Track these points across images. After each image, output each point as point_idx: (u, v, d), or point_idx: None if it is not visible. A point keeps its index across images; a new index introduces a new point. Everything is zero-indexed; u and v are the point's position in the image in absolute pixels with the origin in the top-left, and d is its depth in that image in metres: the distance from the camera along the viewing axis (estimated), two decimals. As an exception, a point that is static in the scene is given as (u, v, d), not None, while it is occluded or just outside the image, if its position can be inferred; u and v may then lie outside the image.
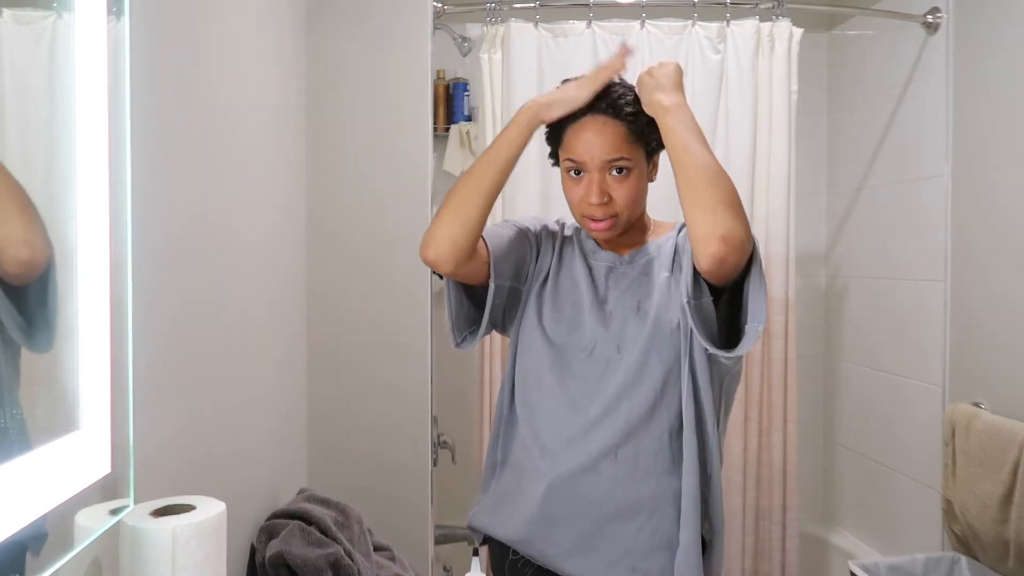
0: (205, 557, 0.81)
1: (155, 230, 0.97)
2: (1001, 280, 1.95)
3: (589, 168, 1.21)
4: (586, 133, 1.20)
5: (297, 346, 1.81)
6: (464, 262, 1.22)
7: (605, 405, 1.21)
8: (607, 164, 1.20)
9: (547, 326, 1.27)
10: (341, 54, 1.89)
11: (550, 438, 1.24)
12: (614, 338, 1.23)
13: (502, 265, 1.27)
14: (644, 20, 2.19)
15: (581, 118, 1.21)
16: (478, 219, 1.21)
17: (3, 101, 0.64)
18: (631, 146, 1.20)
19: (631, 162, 1.21)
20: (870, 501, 2.57)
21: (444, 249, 1.20)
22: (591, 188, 1.20)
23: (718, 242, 1.06)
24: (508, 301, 1.31)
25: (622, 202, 1.21)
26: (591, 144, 1.20)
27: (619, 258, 1.29)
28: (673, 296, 1.22)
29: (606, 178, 1.21)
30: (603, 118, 1.20)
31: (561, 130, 1.24)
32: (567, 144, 1.23)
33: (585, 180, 1.22)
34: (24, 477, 0.62)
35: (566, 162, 1.24)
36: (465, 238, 1.20)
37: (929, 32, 2.23)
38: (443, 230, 1.20)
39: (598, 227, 1.23)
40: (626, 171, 1.21)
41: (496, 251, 1.26)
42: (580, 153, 1.21)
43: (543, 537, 1.23)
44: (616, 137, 1.19)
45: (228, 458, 1.27)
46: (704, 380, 1.19)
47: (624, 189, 1.21)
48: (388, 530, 1.70)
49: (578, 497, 1.21)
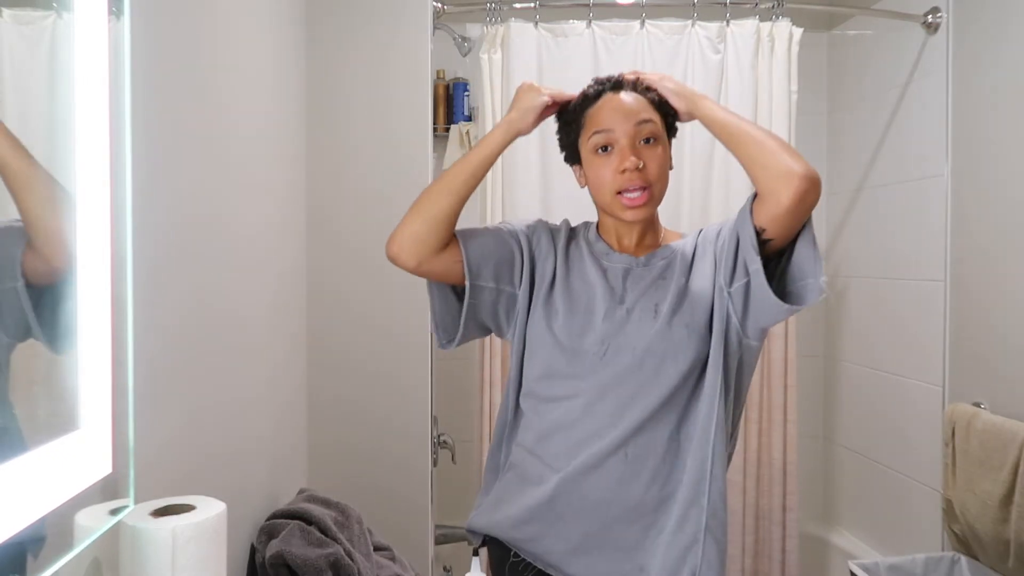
0: (205, 557, 0.81)
1: (156, 230, 0.97)
2: (1001, 280, 1.95)
3: (618, 136, 1.21)
4: (610, 104, 1.23)
5: (297, 346, 1.81)
6: (428, 259, 1.23)
7: (616, 407, 1.21)
8: (637, 129, 1.21)
9: (557, 330, 1.26)
10: (341, 54, 1.89)
11: (559, 441, 1.24)
12: (629, 340, 1.22)
13: (479, 266, 1.26)
14: (644, 20, 2.19)
15: (599, 98, 1.24)
16: (443, 216, 1.22)
17: (3, 101, 0.64)
18: (655, 111, 1.23)
19: (657, 128, 1.22)
20: (870, 501, 2.57)
21: (406, 244, 1.22)
22: (624, 154, 1.20)
23: (800, 178, 1.09)
24: (498, 304, 1.29)
25: (655, 171, 1.21)
26: (618, 110, 1.22)
27: (635, 260, 1.28)
28: (691, 299, 1.22)
29: (636, 145, 1.21)
30: (623, 92, 1.24)
31: (581, 116, 1.25)
32: (591, 121, 1.24)
33: (616, 152, 1.21)
34: (24, 477, 0.62)
35: (594, 136, 1.23)
36: (428, 234, 1.22)
37: (929, 32, 2.23)
38: (406, 226, 1.23)
39: (632, 201, 1.21)
40: (654, 140, 1.22)
41: (471, 251, 1.26)
42: (608, 121, 1.22)
43: (549, 535, 1.23)
44: (639, 103, 1.23)
45: (228, 458, 1.27)
46: (731, 373, 1.20)
47: (655, 157, 1.21)
48: (388, 530, 1.70)
49: (585, 496, 1.21)
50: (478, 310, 1.28)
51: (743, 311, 1.18)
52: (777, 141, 1.15)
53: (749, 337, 1.19)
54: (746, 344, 1.20)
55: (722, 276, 1.19)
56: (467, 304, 1.26)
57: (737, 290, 1.17)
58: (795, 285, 1.15)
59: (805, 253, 1.15)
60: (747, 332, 1.19)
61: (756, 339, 1.20)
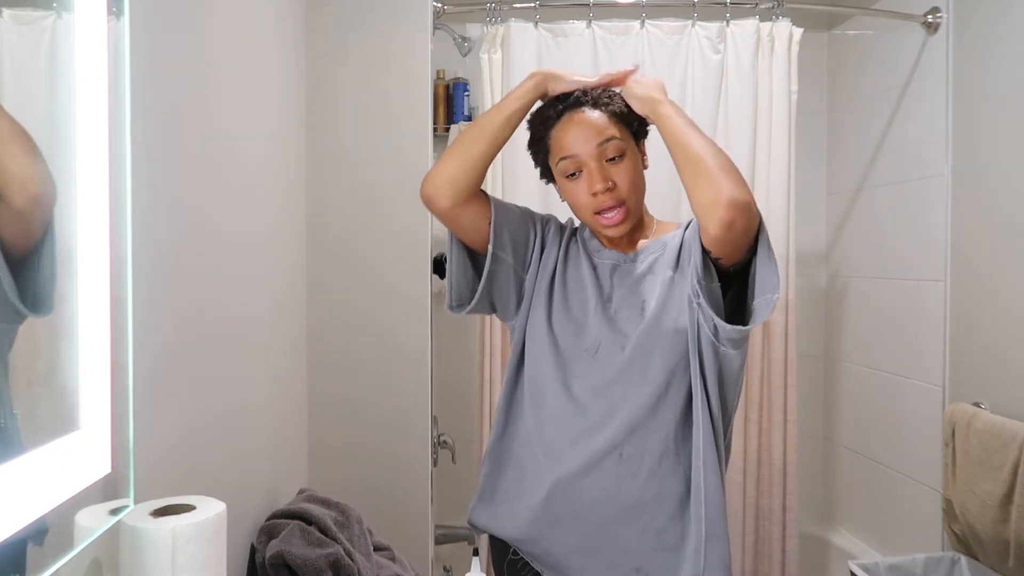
0: (205, 557, 0.81)
1: (155, 230, 0.97)
2: (1001, 280, 1.95)
3: (585, 159, 1.21)
4: (572, 127, 1.22)
5: (297, 346, 1.81)
6: (461, 203, 1.24)
7: (609, 405, 1.21)
8: (601, 150, 1.21)
9: (556, 328, 1.27)
10: (341, 54, 1.89)
11: (553, 438, 1.24)
12: (619, 338, 1.22)
13: (502, 233, 1.27)
14: (644, 20, 2.19)
15: (560, 118, 1.24)
16: (478, 162, 1.24)
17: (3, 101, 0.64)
18: (618, 126, 1.22)
19: (623, 143, 1.22)
20: (870, 501, 2.57)
21: (441, 184, 1.24)
22: (593, 177, 1.21)
23: (725, 206, 1.08)
24: (506, 282, 1.30)
25: (625, 186, 1.22)
26: (580, 133, 1.22)
27: (623, 256, 1.28)
28: (677, 295, 1.21)
29: (603, 165, 1.21)
30: (584, 109, 1.23)
31: (545, 137, 1.26)
32: (556, 145, 1.24)
33: (585, 176, 1.22)
34: (24, 477, 0.62)
35: (561, 163, 1.24)
36: (464, 177, 1.23)
37: (929, 32, 2.23)
38: (443, 168, 1.25)
39: (611, 220, 1.22)
40: (620, 155, 1.22)
41: (498, 214, 1.28)
42: (571, 145, 1.22)
43: (547, 536, 1.23)
44: (600, 121, 1.22)
45: (228, 458, 1.27)
46: (712, 378, 1.19)
47: (623, 173, 1.22)
48: (388, 530, 1.70)
49: (581, 496, 1.21)
50: (494, 281, 1.29)
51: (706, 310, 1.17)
52: (715, 161, 1.13)
53: (724, 346, 1.17)
54: (723, 352, 1.18)
55: (691, 285, 1.18)
56: (487, 271, 1.27)
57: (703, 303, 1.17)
58: (756, 300, 1.16)
59: (760, 271, 1.15)
60: (720, 340, 1.17)
61: (732, 347, 1.18)
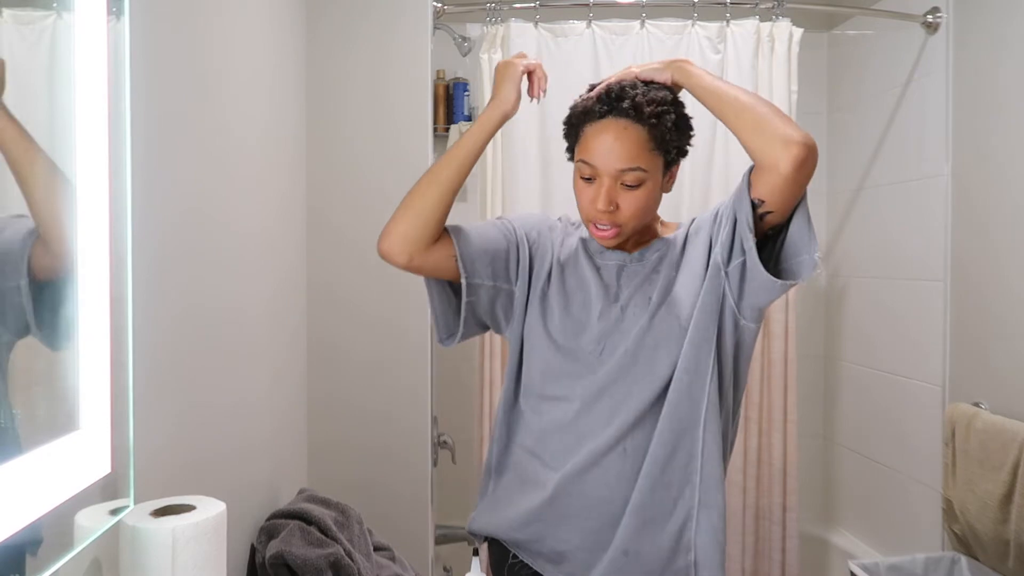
0: (205, 557, 0.81)
1: (156, 230, 0.97)
2: (1001, 280, 1.95)
3: (601, 174, 1.17)
4: (605, 136, 1.16)
5: (297, 347, 1.81)
6: (419, 254, 1.22)
7: (613, 403, 1.20)
8: (620, 174, 1.16)
9: (553, 330, 1.25)
10: (341, 54, 1.89)
11: (557, 440, 1.23)
12: (624, 337, 1.21)
13: (474, 263, 1.25)
14: (644, 20, 2.19)
15: (601, 119, 1.17)
16: (432, 213, 1.21)
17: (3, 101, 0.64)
18: (649, 155, 1.16)
19: (646, 173, 1.16)
20: (870, 501, 2.57)
21: (394, 241, 1.21)
22: (599, 194, 1.17)
23: (798, 145, 1.07)
24: (496, 301, 1.29)
25: (628, 213, 1.17)
26: (609, 150, 1.16)
27: (628, 256, 1.26)
28: (681, 291, 1.21)
29: (616, 187, 1.16)
30: (624, 121, 1.15)
31: (579, 127, 1.20)
32: (584, 144, 1.19)
33: (595, 185, 1.18)
34: (24, 477, 0.62)
35: (580, 163, 1.20)
36: (417, 230, 1.21)
37: (929, 32, 2.23)
38: (394, 222, 1.22)
39: (602, 235, 1.20)
40: (638, 185, 1.16)
41: (463, 248, 1.24)
42: (594, 157, 1.17)
43: (550, 536, 1.23)
44: (635, 144, 1.15)
45: (228, 458, 1.27)
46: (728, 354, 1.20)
47: (633, 200, 1.17)
48: (388, 530, 1.70)
49: (585, 495, 1.21)
50: (476, 307, 1.28)
51: (739, 291, 1.17)
52: (771, 107, 1.13)
53: (746, 318, 1.18)
54: (743, 326, 1.19)
55: (720, 255, 1.17)
56: (465, 303, 1.26)
57: (734, 269, 1.16)
58: (790, 262, 1.15)
59: (800, 228, 1.14)
60: (743, 313, 1.18)
61: (753, 320, 1.19)
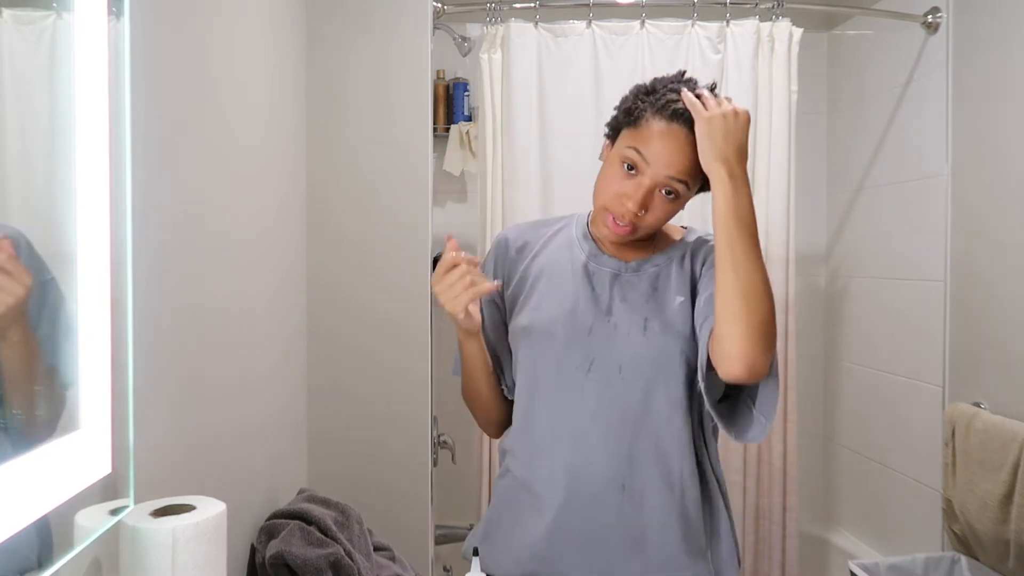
0: (205, 557, 0.81)
1: (156, 230, 0.97)
2: (1001, 280, 1.95)
3: (645, 173, 1.10)
4: (667, 139, 1.09)
5: (297, 347, 1.81)
6: (506, 421, 1.33)
7: (605, 430, 1.15)
8: (668, 180, 1.10)
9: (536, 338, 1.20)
10: (341, 54, 1.89)
11: (547, 465, 1.18)
12: (616, 355, 1.15)
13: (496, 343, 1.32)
14: (644, 20, 2.19)
15: (675, 121, 1.10)
16: (489, 405, 1.33)
17: (3, 101, 0.64)
18: (697, 175, 1.11)
19: (687, 191, 1.13)
20: (870, 501, 2.57)
21: (490, 431, 1.39)
22: (637, 193, 1.11)
23: (742, 368, 1.02)
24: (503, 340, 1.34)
25: (651, 220, 1.13)
26: (666, 151, 1.09)
27: (624, 265, 1.20)
28: (683, 321, 1.15)
29: (655, 191, 1.12)
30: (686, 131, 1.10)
31: (642, 114, 1.12)
32: (645, 133, 1.11)
33: (635, 181, 1.11)
34: (24, 477, 0.62)
35: (629, 151, 1.11)
36: (490, 415, 1.35)
37: (929, 32, 2.23)
38: (478, 421, 1.39)
39: (615, 228, 1.14)
40: (674, 195, 1.12)
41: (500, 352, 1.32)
42: (651, 152, 1.10)
43: (549, 572, 1.18)
44: (693, 161, 1.09)
45: (228, 458, 1.27)
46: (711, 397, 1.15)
47: (662, 210, 1.13)
48: (388, 530, 1.70)
49: (585, 532, 1.16)
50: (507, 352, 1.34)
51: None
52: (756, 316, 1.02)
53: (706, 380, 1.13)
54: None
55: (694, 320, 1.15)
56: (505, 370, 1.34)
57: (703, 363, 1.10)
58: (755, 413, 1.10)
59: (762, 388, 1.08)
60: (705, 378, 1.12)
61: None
